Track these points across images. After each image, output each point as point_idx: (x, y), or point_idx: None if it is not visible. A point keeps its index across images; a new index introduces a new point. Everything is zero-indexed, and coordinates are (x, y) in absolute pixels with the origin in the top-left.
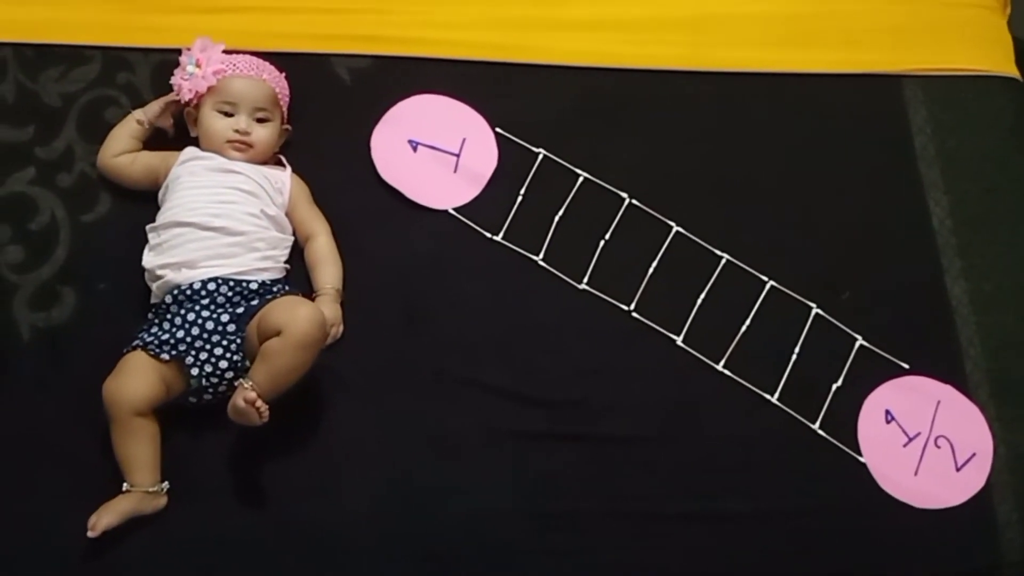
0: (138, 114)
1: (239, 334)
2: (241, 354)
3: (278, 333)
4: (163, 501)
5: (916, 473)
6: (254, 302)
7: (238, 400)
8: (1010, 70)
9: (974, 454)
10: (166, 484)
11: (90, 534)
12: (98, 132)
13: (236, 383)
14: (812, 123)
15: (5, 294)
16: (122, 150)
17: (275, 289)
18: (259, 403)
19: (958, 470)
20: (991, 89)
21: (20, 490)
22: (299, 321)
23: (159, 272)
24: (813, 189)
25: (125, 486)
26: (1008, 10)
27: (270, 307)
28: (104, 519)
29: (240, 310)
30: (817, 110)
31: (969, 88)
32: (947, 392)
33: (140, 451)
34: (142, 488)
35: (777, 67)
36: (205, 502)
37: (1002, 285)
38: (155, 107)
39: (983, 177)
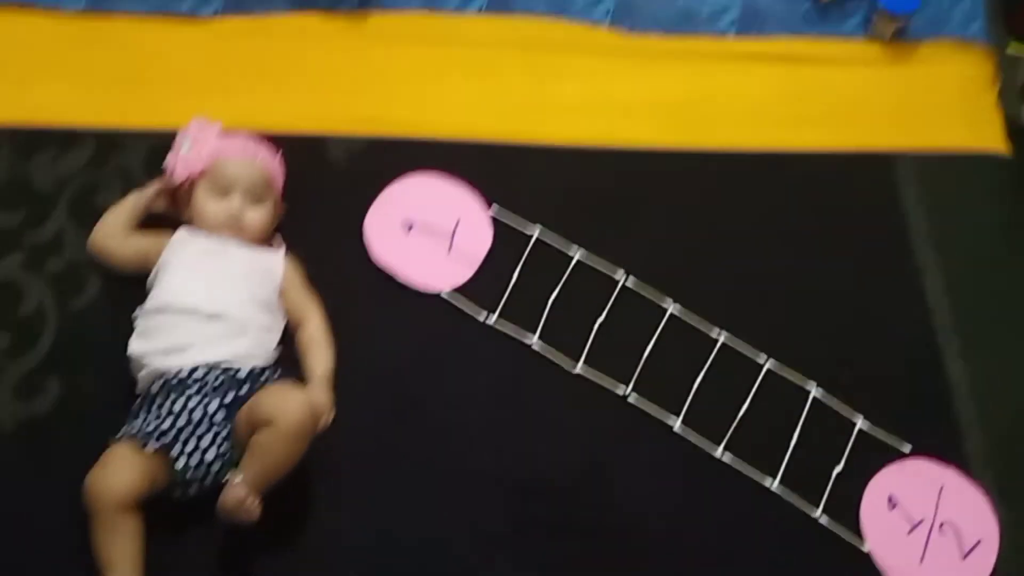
0: (133, 197)
1: (227, 423)
2: (228, 445)
3: (267, 422)
4: None
5: (921, 561)
6: (244, 389)
7: (228, 499)
8: (1000, 147)
9: (979, 540)
10: None
11: None
12: (89, 217)
13: (223, 478)
14: (806, 201)
15: None
16: (115, 232)
17: (264, 377)
18: (249, 500)
19: (964, 558)
20: (982, 167)
21: None
22: (290, 411)
23: (145, 361)
24: (808, 268)
25: None
26: (997, 86)
27: (260, 396)
28: None
29: (229, 399)
30: (811, 188)
31: (961, 166)
32: (949, 476)
33: (122, 548)
34: None
35: (771, 146)
36: None
37: (1001, 363)
38: (151, 190)
39: (978, 255)
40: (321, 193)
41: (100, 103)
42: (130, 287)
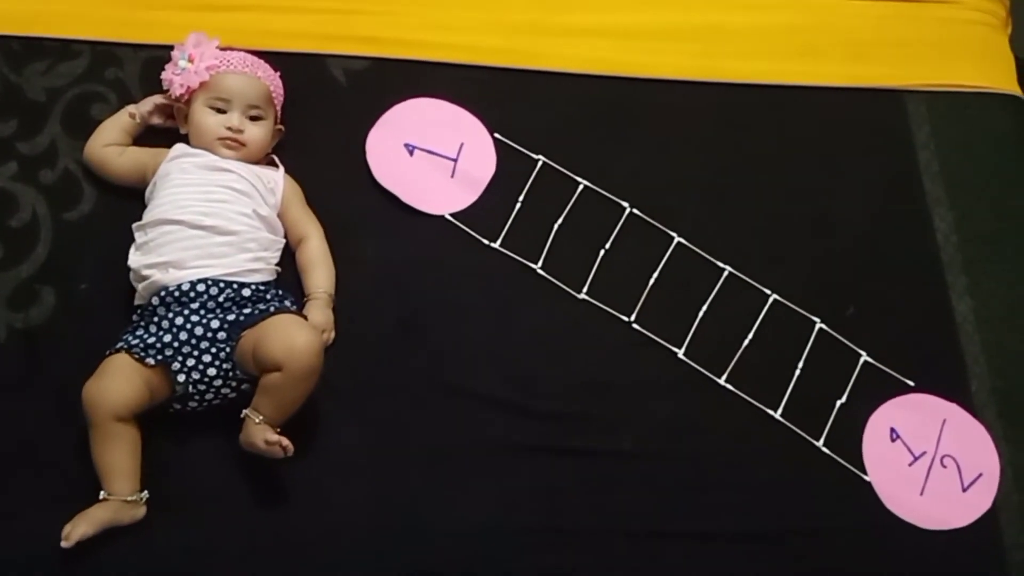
0: (131, 108)
1: (229, 343)
2: (231, 363)
3: (276, 366)
4: (142, 511)
5: (922, 493)
6: (246, 310)
7: (256, 439)
8: (1012, 87)
9: (981, 474)
10: (145, 493)
11: (63, 544)
12: (83, 128)
13: (224, 394)
14: (816, 136)
15: None
16: (112, 141)
17: (268, 296)
18: (284, 441)
19: (964, 490)
20: (993, 106)
21: None
22: (298, 355)
23: (145, 272)
24: (817, 203)
25: (102, 494)
26: (1009, 29)
27: (266, 332)
28: (79, 529)
29: (231, 317)
30: (821, 123)
31: (972, 104)
32: (953, 410)
33: (119, 458)
34: (120, 497)
35: (781, 79)
36: (186, 513)
37: (1008, 302)
38: (149, 103)
39: (987, 193)
40: (321, 113)
41: (96, 15)
42: (127, 198)
